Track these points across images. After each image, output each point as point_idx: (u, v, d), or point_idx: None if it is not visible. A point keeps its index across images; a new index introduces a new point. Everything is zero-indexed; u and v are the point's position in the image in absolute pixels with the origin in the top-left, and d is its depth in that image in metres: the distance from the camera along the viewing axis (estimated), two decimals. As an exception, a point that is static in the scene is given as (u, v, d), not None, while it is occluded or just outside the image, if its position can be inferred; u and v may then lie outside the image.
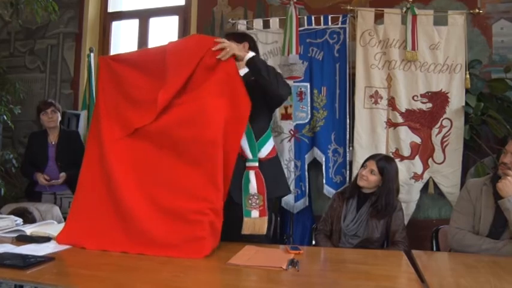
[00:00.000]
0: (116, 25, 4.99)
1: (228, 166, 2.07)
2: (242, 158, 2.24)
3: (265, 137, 2.35)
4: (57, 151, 3.55)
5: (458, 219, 2.40)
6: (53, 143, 3.59)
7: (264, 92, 2.22)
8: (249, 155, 2.25)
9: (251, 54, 2.22)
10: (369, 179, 2.70)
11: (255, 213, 2.16)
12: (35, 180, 3.48)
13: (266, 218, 2.20)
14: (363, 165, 2.80)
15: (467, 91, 3.50)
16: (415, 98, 3.57)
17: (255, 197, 2.16)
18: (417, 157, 3.56)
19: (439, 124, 3.53)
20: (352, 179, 3.09)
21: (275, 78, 2.20)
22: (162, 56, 2.20)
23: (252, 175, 2.20)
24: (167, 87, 2.14)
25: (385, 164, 2.72)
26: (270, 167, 2.34)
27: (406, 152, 3.57)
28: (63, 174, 3.45)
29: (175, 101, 2.14)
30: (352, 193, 2.80)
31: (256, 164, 2.24)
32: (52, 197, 3.52)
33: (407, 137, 3.57)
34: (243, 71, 2.29)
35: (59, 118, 3.64)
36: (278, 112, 3.81)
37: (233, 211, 2.13)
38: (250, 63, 2.19)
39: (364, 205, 2.72)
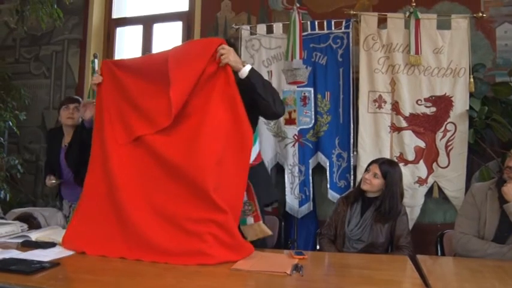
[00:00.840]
0: (120, 31, 5.02)
1: (236, 186, 2.04)
2: None
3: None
4: (67, 154, 3.32)
5: (462, 224, 2.39)
6: (65, 145, 3.37)
7: (258, 108, 2.18)
8: None
9: (248, 67, 2.13)
10: (372, 183, 2.71)
11: (250, 220, 2.14)
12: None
13: (261, 222, 2.19)
14: (367, 169, 2.80)
15: (471, 95, 3.49)
16: (419, 102, 3.56)
17: (247, 204, 2.14)
18: (421, 161, 3.56)
19: (443, 128, 3.52)
20: (357, 183, 3.09)
21: (271, 95, 2.16)
22: (164, 62, 2.17)
23: None
24: (177, 89, 2.09)
25: (388, 167, 2.73)
26: (258, 173, 2.31)
27: (411, 156, 3.57)
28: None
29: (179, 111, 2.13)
30: (357, 197, 2.80)
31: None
32: (68, 205, 3.34)
33: (411, 141, 3.57)
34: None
35: (79, 119, 3.35)
36: (282, 117, 3.81)
37: None
38: (246, 78, 2.13)
39: (368, 210, 2.72)
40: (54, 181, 3.24)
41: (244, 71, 2.11)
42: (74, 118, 3.33)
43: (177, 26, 4.76)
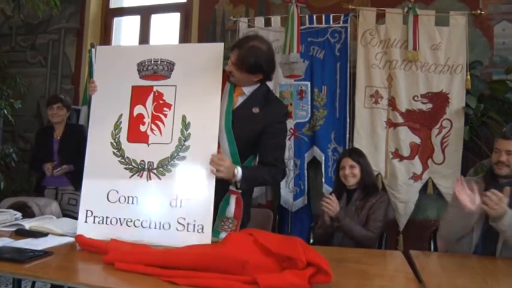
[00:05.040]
0: (117, 21, 4.99)
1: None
2: (225, 180, 2.10)
3: (248, 162, 2.25)
4: (60, 145, 3.59)
5: (448, 212, 2.40)
6: (58, 138, 3.63)
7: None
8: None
9: (239, 175, 2.02)
10: (355, 173, 2.76)
11: (223, 235, 2.05)
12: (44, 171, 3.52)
13: None
14: (340, 168, 2.83)
15: (467, 92, 3.50)
16: (416, 98, 3.57)
17: (229, 220, 2.10)
18: (417, 157, 3.57)
19: (439, 125, 3.54)
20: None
21: (271, 179, 2.19)
22: None
23: (232, 199, 2.14)
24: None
25: (356, 155, 2.83)
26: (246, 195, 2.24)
27: (406, 152, 3.58)
28: (65, 167, 3.47)
29: None
30: (339, 195, 2.83)
31: (240, 190, 2.15)
32: (54, 191, 3.55)
33: (407, 137, 3.58)
34: (241, 97, 2.20)
35: (66, 114, 3.67)
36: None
37: None
38: (240, 185, 2.08)
39: (351, 199, 2.76)
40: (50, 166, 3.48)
41: (237, 178, 2.03)
42: (59, 115, 3.63)
43: (175, 18, 4.74)
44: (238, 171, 2.03)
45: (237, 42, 2.13)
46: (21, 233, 2.08)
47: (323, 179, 3.75)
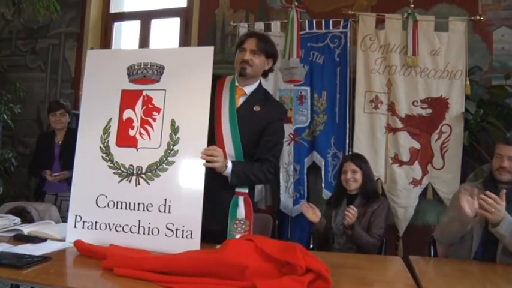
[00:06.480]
0: (117, 26, 5.00)
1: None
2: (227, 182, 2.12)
3: None
4: (61, 150, 3.59)
5: (446, 216, 2.41)
6: (59, 142, 3.64)
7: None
8: None
9: (229, 168, 2.06)
10: (356, 179, 2.76)
11: (238, 238, 2.09)
12: (44, 176, 3.52)
13: None
14: (342, 171, 2.83)
15: (467, 97, 3.50)
16: (415, 103, 3.57)
17: (241, 221, 2.11)
18: (416, 162, 3.57)
19: (438, 130, 3.54)
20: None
21: (263, 177, 2.18)
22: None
23: (241, 200, 2.15)
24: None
25: (358, 160, 2.83)
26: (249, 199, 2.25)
27: (406, 157, 3.58)
28: (65, 172, 3.44)
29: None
30: (340, 199, 2.82)
31: (246, 191, 2.18)
32: (53, 197, 3.54)
33: (406, 142, 3.58)
34: (243, 97, 2.24)
35: (68, 120, 3.69)
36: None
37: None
38: (231, 180, 2.10)
39: (352, 205, 2.74)
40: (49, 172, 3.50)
41: (227, 171, 2.07)
42: (62, 122, 3.65)
43: (175, 22, 4.75)
44: (229, 164, 2.05)
45: (249, 34, 2.29)
46: (20, 239, 2.07)
47: (323, 184, 3.75)
